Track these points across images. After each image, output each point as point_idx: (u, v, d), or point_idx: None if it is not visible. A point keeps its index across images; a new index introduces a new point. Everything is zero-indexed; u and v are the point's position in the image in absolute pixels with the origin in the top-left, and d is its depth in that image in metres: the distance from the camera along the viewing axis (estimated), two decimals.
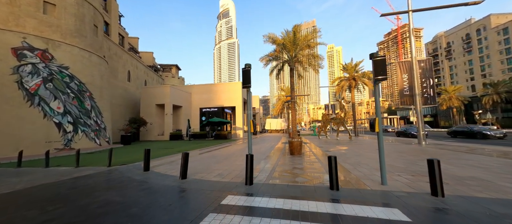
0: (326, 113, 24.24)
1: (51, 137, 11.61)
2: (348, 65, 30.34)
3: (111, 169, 6.83)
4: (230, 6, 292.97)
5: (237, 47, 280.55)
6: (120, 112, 23.82)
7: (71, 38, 13.28)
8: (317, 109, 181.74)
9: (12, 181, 5.64)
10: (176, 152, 11.20)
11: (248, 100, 5.57)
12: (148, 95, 25.25)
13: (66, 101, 12.51)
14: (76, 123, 12.88)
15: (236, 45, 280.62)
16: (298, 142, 9.47)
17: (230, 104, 28.94)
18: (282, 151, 11.03)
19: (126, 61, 26.71)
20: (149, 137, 24.67)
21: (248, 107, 5.61)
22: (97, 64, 15.05)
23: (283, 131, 48.30)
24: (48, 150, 7.89)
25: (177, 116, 27.85)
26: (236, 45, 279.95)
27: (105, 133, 15.32)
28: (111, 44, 23.40)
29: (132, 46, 37.85)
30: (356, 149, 11.14)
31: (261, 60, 18.75)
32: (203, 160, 8.26)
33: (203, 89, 30.16)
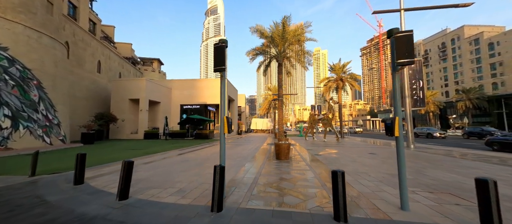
0: (313, 114, 23.41)
1: None
2: (335, 65, 29.93)
3: (31, 180, 4.96)
4: (218, 3, 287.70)
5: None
6: (86, 106, 21.02)
7: (14, 14, 10.80)
8: (302, 110, 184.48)
9: None
10: (142, 155, 9.36)
11: (222, 89, 4.07)
12: (120, 88, 22.61)
13: (3, 89, 10.06)
14: (16, 117, 10.44)
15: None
16: (286, 145, 8.16)
17: (214, 101, 27.14)
18: (267, 155, 9.66)
19: (96, 50, 23.78)
20: (121, 136, 22.08)
21: (221, 99, 4.13)
22: (50, 48, 12.57)
23: (269, 131, 47.28)
24: None
25: (155, 113, 25.44)
26: None
27: (59, 130, 12.89)
28: (76, 28, 20.52)
29: (106, 34, 34.41)
30: (348, 153, 10.10)
31: (247, 54, 17.28)
32: (169, 166, 6.61)
33: (185, 84, 27.99)
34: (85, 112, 20.19)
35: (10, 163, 7.60)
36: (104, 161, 7.57)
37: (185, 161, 7.53)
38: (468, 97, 52.51)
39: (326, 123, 19.99)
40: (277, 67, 17.12)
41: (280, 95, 16.80)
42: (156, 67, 50.46)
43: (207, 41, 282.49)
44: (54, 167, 6.53)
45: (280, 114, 16.55)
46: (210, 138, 21.75)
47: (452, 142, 18.87)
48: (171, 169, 6.07)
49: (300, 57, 16.95)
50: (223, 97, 4.04)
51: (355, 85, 28.85)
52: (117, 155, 9.35)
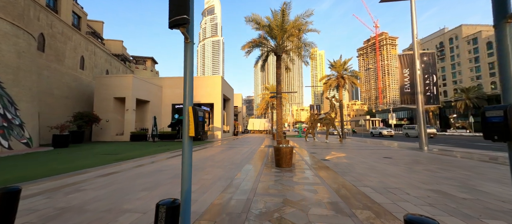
0: (313, 113, 21.87)
1: None
2: (336, 62, 28.51)
3: None
4: (215, 3, 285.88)
5: (222, 45, 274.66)
6: (67, 105, 19.13)
7: None
8: (300, 110, 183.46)
9: None
10: (112, 162, 7.64)
11: (187, 61, 2.39)
12: (104, 86, 20.74)
13: None
14: None
15: (221, 43, 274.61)
16: (288, 149, 6.54)
17: (208, 100, 25.43)
18: (264, 160, 8.03)
19: (79, 44, 21.88)
20: (105, 137, 20.21)
21: (186, 84, 2.45)
22: (12, 36, 10.74)
23: (267, 132, 45.68)
24: None
25: (144, 113, 23.63)
26: (221, 43, 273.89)
27: (22, 131, 11.00)
28: (54, 19, 18.63)
29: (93, 30, 32.45)
30: (360, 157, 8.54)
31: (243, 47, 15.61)
32: (132, 180, 4.93)
33: (177, 82, 26.23)
34: (65, 112, 18.30)
35: None
36: (56, 172, 5.84)
37: (158, 172, 5.85)
38: (468, 97, 51.69)
39: (328, 123, 18.47)
40: (275, 61, 15.53)
41: (279, 92, 15.22)
42: (149, 66, 48.53)
43: (204, 41, 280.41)
44: None
45: (279, 113, 14.97)
46: (202, 139, 20.03)
47: (458, 142, 17.49)
48: (131, 186, 4.38)
49: (300, 50, 15.38)
50: (189, 78, 2.38)
51: (357, 83, 27.47)
52: (80, 163, 7.61)
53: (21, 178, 5.26)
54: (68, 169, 6.24)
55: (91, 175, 5.39)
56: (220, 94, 25.28)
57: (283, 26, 14.32)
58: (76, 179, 4.99)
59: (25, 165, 7.49)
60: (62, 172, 5.89)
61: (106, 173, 5.67)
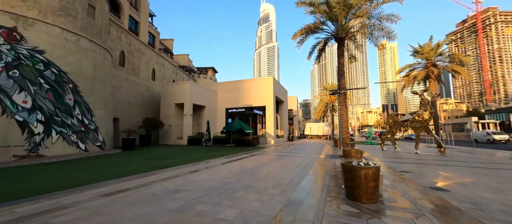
0: (393, 114, 16.43)
1: (9, 140, 9.00)
2: (424, 47, 21.36)
3: None
4: (270, 10, 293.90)
5: (276, 51, 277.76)
6: (140, 112, 21.97)
7: (54, 17, 10.87)
8: (367, 113, 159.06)
9: None
10: (149, 170, 6.83)
11: None
12: (167, 93, 22.81)
13: (37, 93, 9.92)
14: (49, 122, 10.18)
15: (276, 48, 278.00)
16: (371, 171, 3.61)
17: (260, 103, 24.05)
18: (326, 180, 5.24)
19: (151, 59, 25.20)
20: (168, 141, 22.00)
21: None
22: (89, 51, 12.48)
23: (326, 137, 40.35)
24: None
25: (200, 118, 24.66)
26: (275, 49, 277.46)
27: (97, 135, 12.51)
28: (132, 39, 21.93)
29: (165, 46, 37.70)
30: (504, 183, 4.40)
31: (294, 37, 13.08)
32: (130, 207, 3.42)
33: (230, 86, 26.27)
34: (139, 118, 20.98)
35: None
36: (69, 184, 5.21)
37: (172, 195, 4.22)
38: None
39: (419, 127, 13.14)
40: (336, 49, 12.19)
41: (342, 88, 11.73)
42: (211, 75, 52.89)
43: (260, 49, 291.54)
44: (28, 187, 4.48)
45: (344, 113, 11.46)
46: (253, 145, 18.54)
47: None
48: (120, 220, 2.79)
49: (373, 30, 11.43)
50: None
51: (464, 73, 19.48)
52: (115, 170, 7.15)
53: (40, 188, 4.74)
54: (89, 180, 5.58)
55: (98, 192, 4.32)
56: (272, 96, 23.40)
57: (346, 0, 10.94)
58: (71, 200, 3.92)
59: (67, 170, 7.64)
60: (80, 183, 5.21)
61: (116, 190, 4.51)
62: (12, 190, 4.73)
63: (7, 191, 4.58)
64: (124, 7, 23.43)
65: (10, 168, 7.79)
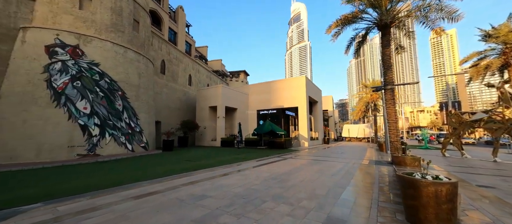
0: (457, 113, 13.45)
1: (74, 141, 10.54)
2: (500, 28, 17.20)
3: None
4: (301, 9, 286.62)
5: (309, 50, 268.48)
6: (178, 115, 23.61)
7: (106, 33, 12.43)
8: (417, 113, 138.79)
9: None
10: (181, 171, 6.97)
11: None
12: (202, 97, 23.96)
13: (94, 100, 11.41)
14: (103, 125, 11.59)
15: (308, 47, 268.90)
16: (446, 189, 2.65)
17: (292, 104, 23.14)
18: (374, 194, 4.28)
19: (187, 65, 26.99)
20: (203, 142, 23.03)
21: None
22: (134, 61, 13.87)
23: (368, 140, 36.43)
24: None
25: (233, 120, 25.11)
26: (307, 48, 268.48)
27: (141, 137, 13.77)
28: (171, 48, 23.84)
29: (200, 53, 40.10)
30: None
31: (328, 30, 11.99)
32: (156, 213, 3.32)
33: (261, 88, 26.09)
34: (177, 121, 22.57)
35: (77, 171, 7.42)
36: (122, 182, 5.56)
37: (201, 199, 4.02)
38: None
39: (499, 129, 10.37)
40: (380, 39, 10.63)
41: (389, 83, 10.10)
42: (243, 78, 54.09)
43: (291, 49, 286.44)
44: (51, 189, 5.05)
45: (391, 112, 9.83)
46: (286, 148, 17.79)
47: None
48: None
49: (428, 11, 9.53)
50: None
51: None
52: (151, 171, 7.50)
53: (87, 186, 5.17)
54: (129, 179, 5.90)
55: (130, 194, 4.44)
56: (305, 96, 22.22)
57: None
58: (105, 201, 4.07)
59: (110, 169, 8.33)
60: (119, 183, 5.52)
61: (146, 193, 4.56)
62: (69, 186, 5.29)
63: (65, 187, 5.13)
64: (165, 20, 25.71)
65: (73, 165, 9.03)
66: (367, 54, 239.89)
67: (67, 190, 4.74)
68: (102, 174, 7.07)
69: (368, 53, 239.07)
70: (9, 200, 4.09)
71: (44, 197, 4.22)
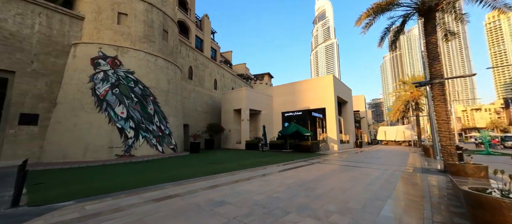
0: None
1: (113, 143, 11.57)
2: None
3: None
4: (326, 6, 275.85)
5: (336, 47, 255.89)
6: (205, 118, 24.46)
7: (140, 44, 13.50)
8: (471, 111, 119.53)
9: None
10: (204, 175, 6.97)
11: None
12: (226, 100, 24.39)
13: (130, 105, 12.41)
14: (137, 128, 12.50)
15: (335, 45, 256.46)
16: None
17: (319, 105, 21.95)
18: (427, 217, 3.46)
19: (213, 70, 27.92)
20: (228, 145, 23.34)
21: None
22: (164, 68, 14.76)
23: (409, 143, 32.48)
24: None
25: (257, 122, 24.95)
26: (335, 46, 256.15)
27: (170, 139, 14.50)
28: (197, 55, 24.95)
29: (225, 58, 41.31)
30: None
31: (358, 22, 10.94)
32: (172, 219, 3.19)
33: (285, 89, 25.43)
34: (204, 124, 23.41)
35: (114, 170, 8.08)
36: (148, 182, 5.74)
37: (219, 206, 3.80)
38: None
39: None
40: (423, 26, 9.23)
41: (436, 75, 8.61)
42: (267, 81, 54.00)
43: (316, 49, 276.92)
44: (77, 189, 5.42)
45: (442, 109, 8.34)
46: (313, 151, 16.81)
47: None
48: None
49: None
50: None
51: None
52: (177, 172, 7.65)
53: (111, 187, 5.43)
54: (153, 180, 6.04)
55: (152, 196, 4.47)
56: (333, 96, 20.85)
57: None
58: (128, 202, 4.13)
59: (138, 170, 8.72)
60: (143, 184, 5.67)
61: (166, 195, 4.54)
62: (103, 185, 5.65)
63: (100, 186, 5.49)
64: (191, 29, 27.14)
65: (112, 164, 9.86)
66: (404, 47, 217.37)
67: (100, 189, 5.03)
68: (134, 174, 7.48)
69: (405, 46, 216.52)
70: (52, 196, 4.47)
71: (79, 195, 4.52)
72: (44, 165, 9.37)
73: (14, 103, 9.98)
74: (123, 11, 13.16)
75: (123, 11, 13.16)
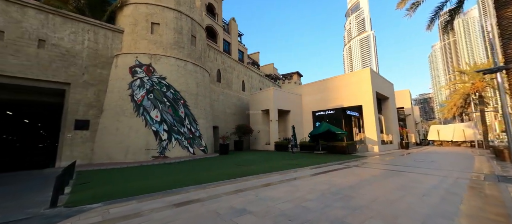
0: None
1: (149, 145, 12.38)
2: None
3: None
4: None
5: (372, 40, 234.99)
6: (234, 120, 24.76)
7: (171, 51, 14.29)
8: None
9: None
10: (227, 178, 6.75)
11: None
12: (254, 101, 24.22)
13: (163, 109, 13.16)
14: (170, 131, 13.17)
15: (371, 38, 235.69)
16: None
17: (354, 102, 20.00)
18: None
19: (240, 72, 28.18)
20: (257, 146, 23.10)
21: None
22: (193, 72, 15.32)
23: (472, 144, 27.13)
24: None
25: (286, 122, 24.12)
26: (371, 38, 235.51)
27: (201, 141, 14.91)
28: (225, 58, 25.49)
29: (253, 60, 41.50)
30: None
31: (400, 4, 9.46)
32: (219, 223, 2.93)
33: (315, 87, 23.99)
34: (233, 125, 23.72)
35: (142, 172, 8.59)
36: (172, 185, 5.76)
37: (239, 215, 3.41)
38: None
39: None
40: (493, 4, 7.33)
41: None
42: (296, 80, 52.49)
43: (350, 43, 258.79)
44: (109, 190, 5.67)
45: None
46: (349, 153, 15.27)
47: None
48: None
49: None
50: None
51: None
52: (203, 175, 7.59)
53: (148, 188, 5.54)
54: (178, 183, 6.02)
55: (173, 200, 4.35)
56: (371, 91, 18.71)
57: None
58: (150, 206, 4.06)
59: (170, 172, 8.93)
60: (168, 187, 5.67)
61: (187, 200, 4.37)
62: (135, 185, 5.87)
63: (131, 187, 5.71)
64: (219, 33, 27.95)
65: (148, 165, 10.51)
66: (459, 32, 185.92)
67: (131, 191, 5.18)
68: (165, 175, 7.71)
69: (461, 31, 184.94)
70: (87, 197, 4.75)
71: (110, 196, 4.69)
72: (93, 165, 10.53)
73: (70, 111, 11.52)
74: (155, 21, 14.12)
75: (155, 21, 14.12)
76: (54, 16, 11.47)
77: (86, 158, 11.63)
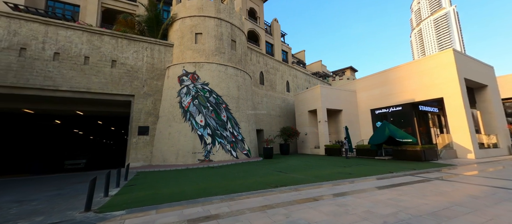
0: None
1: (196, 148, 13.00)
2: None
3: None
4: None
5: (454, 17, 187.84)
6: (279, 122, 23.85)
7: (212, 57, 14.85)
8: None
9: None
10: (262, 189, 5.98)
11: None
12: (300, 101, 22.58)
13: (206, 114, 13.65)
14: (213, 135, 13.49)
15: (452, 14, 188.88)
16: None
17: (431, 94, 15.70)
18: None
19: (284, 73, 27.10)
20: (305, 150, 21.32)
21: None
22: (233, 76, 15.41)
23: None
24: None
25: (337, 123, 21.38)
26: (451, 15, 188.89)
27: (243, 145, 14.72)
28: (267, 59, 25.02)
29: (298, 59, 39.71)
30: None
31: None
32: None
33: (373, 81, 20.32)
34: (278, 128, 22.83)
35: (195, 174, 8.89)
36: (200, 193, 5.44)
37: None
38: None
39: None
40: None
41: None
42: (349, 76, 47.08)
43: (420, 26, 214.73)
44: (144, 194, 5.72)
45: None
46: (426, 160, 11.78)
47: None
48: None
49: None
50: None
51: None
52: (235, 183, 7.03)
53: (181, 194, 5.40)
54: (206, 191, 5.62)
55: (192, 213, 3.87)
56: (456, 79, 14.16)
57: None
58: (167, 219, 3.67)
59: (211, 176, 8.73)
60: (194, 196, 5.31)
61: (206, 215, 3.79)
62: (168, 191, 5.87)
63: (163, 193, 5.73)
64: (261, 36, 27.88)
65: (194, 168, 10.96)
66: None
67: (161, 197, 5.12)
68: (201, 180, 7.61)
69: None
70: (121, 201, 4.91)
71: (140, 203, 4.69)
72: (151, 167, 11.79)
73: (134, 119, 13.42)
74: (198, 31, 15.00)
75: (198, 31, 15.01)
76: (122, 40, 13.74)
77: (147, 160, 13.23)
